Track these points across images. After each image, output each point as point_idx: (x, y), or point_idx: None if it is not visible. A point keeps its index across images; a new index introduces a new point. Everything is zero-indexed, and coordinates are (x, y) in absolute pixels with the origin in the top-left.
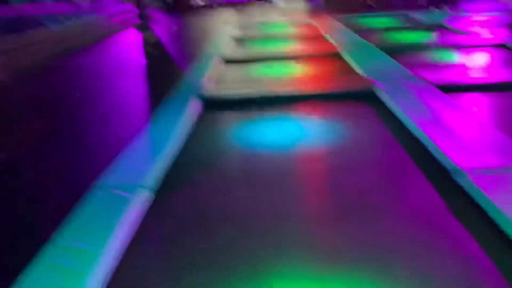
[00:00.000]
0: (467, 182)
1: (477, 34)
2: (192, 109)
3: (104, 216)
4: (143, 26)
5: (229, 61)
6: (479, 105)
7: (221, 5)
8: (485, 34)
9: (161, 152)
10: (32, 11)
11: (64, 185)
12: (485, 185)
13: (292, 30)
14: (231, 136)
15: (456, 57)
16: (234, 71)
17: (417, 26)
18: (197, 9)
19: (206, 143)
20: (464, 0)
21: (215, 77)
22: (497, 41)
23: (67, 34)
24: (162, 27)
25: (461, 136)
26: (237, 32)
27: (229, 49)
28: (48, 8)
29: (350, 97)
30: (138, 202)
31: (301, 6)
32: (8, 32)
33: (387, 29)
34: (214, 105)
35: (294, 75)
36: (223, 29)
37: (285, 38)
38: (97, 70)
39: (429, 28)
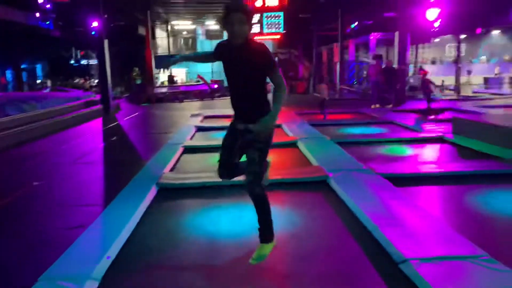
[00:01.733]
0: (412, 271)
1: (421, 129)
2: (150, 196)
3: None
4: (109, 116)
5: (190, 150)
6: (425, 196)
7: (187, 96)
8: (427, 128)
9: (113, 241)
10: None
11: (10, 278)
12: (430, 274)
13: None
14: (187, 224)
15: (404, 150)
16: (195, 160)
17: (370, 121)
18: (163, 100)
19: (159, 231)
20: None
21: (176, 166)
22: (436, 134)
23: (31, 122)
24: (127, 117)
25: (407, 226)
26: (200, 123)
27: (192, 139)
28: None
29: (304, 185)
30: None
31: None
32: None
33: (342, 124)
34: (172, 193)
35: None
36: (187, 120)
37: None
38: (60, 158)
39: (379, 123)
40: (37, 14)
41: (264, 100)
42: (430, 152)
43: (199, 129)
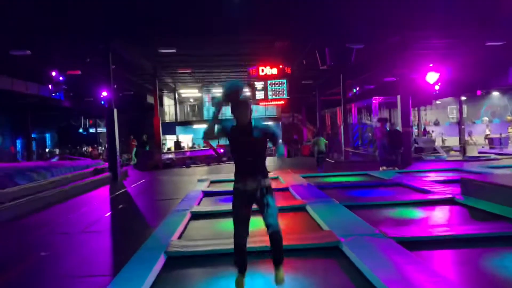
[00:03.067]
0: None
1: (430, 191)
2: (159, 266)
3: None
4: (117, 183)
5: (198, 217)
6: (439, 260)
7: (194, 162)
8: (436, 190)
9: None
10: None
11: None
12: None
13: None
14: None
15: (414, 213)
16: (203, 226)
17: (378, 184)
18: (170, 166)
19: None
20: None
21: (184, 233)
22: (447, 196)
23: (40, 190)
24: (135, 184)
25: None
26: (207, 188)
27: (199, 204)
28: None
29: (316, 251)
30: None
31: (269, 162)
32: None
33: (350, 186)
34: (180, 261)
35: (262, 228)
36: (194, 185)
37: None
38: (68, 227)
39: (388, 185)
40: (50, 86)
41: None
42: (441, 215)
43: (206, 194)
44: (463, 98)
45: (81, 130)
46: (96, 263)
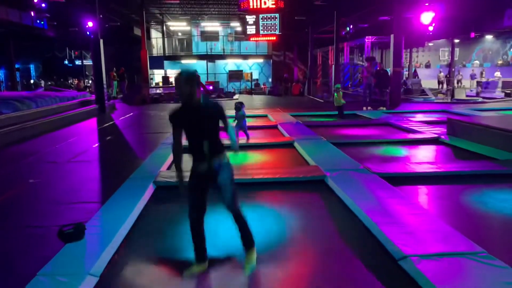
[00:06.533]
0: (412, 268)
1: (417, 131)
2: (148, 194)
3: None
4: (105, 116)
5: (186, 149)
6: (422, 194)
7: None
8: (423, 130)
9: (111, 238)
10: None
11: (8, 273)
12: (430, 271)
13: (250, 121)
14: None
15: (399, 151)
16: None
17: (365, 123)
18: (158, 100)
19: (156, 230)
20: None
21: (172, 164)
22: (432, 136)
23: (25, 120)
24: (123, 117)
25: (405, 223)
26: None
27: None
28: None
29: (302, 184)
30: None
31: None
32: None
33: (338, 125)
34: (169, 191)
35: (250, 162)
36: None
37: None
38: (55, 156)
39: (375, 125)
40: (32, 13)
41: (219, 142)
42: (426, 153)
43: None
44: (456, 40)
45: (66, 62)
46: (85, 190)
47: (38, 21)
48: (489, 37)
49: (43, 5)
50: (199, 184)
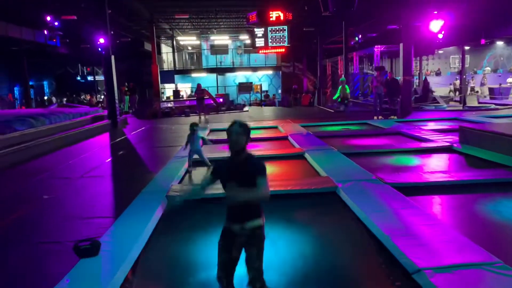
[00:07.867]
0: (426, 281)
1: (429, 139)
2: (160, 208)
3: None
4: (117, 130)
5: (198, 163)
6: (435, 205)
7: (193, 111)
8: (435, 138)
9: (125, 255)
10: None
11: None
12: (444, 284)
13: (260, 133)
14: (195, 239)
15: (412, 160)
16: (202, 172)
17: (377, 132)
18: (169, 114)
19: (168, 247)
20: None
21: (184, 178)
22: (445, 144)
23: (39, 137)
24: (134, 131)
25: (419, 235)
26: (207, 136)
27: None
28: (25, 112)
29: (314, 196)
30: None
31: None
32: None
33: (349, 135)
34: (182, 206)
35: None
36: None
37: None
38: (69, 172)
39: (386, 134)
40: (45, 32)
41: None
42: (438, 162)
43: (206, 142)
44: (466, 47)
45: (79, 78)
46: (98, 205)
47: (51, 39)
48: (500, 43)
49: (56, 23)
50: (229, 244)
